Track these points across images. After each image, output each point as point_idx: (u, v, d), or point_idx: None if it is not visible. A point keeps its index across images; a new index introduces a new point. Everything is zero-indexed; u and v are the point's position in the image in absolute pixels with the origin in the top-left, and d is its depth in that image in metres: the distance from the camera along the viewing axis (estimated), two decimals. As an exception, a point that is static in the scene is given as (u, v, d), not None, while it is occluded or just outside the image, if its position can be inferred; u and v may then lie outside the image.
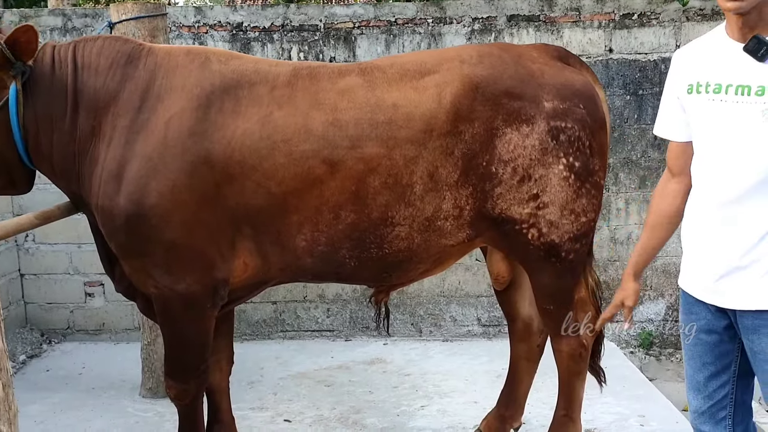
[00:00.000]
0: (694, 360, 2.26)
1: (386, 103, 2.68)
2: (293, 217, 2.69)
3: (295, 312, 5.06)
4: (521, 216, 2.78)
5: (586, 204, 2.82)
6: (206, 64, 2.71)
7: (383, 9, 4.82)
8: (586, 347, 3.07)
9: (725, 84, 2.00)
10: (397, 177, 2.68)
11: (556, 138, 2.73)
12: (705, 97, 2.05)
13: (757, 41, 1.92)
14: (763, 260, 2.00)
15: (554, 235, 2.80)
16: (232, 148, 2.62)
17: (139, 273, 2.78)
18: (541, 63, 2.81)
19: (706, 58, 2.08)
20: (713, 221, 2.08)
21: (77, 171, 2.74)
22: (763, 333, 2.03)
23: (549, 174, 2.74)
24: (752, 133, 1.96)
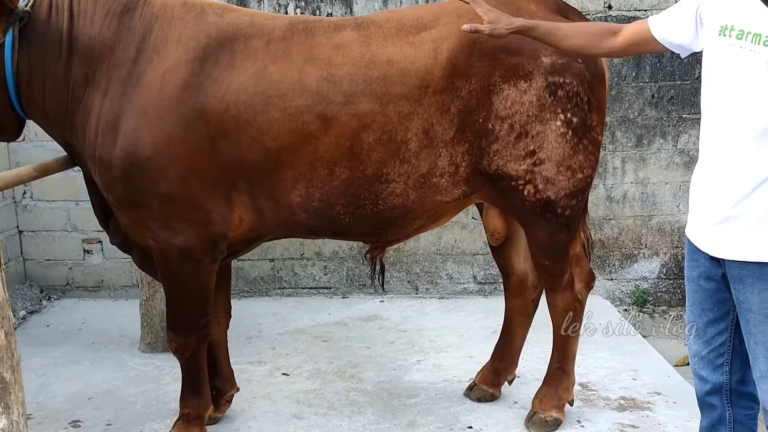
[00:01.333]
0: (695, 306, 2.31)
1: (381, 59, 2.67)
2: (288, 172, 2.70)
3: (292, 269, 5.09)
4: (517, 172, 2.79)
5: (583, 160, 2.83)
6: (202, 16, 2.70)
7: (380, -36, 4.77)
8: (581, 301, 3.12)
9: (746, 30, 1.99)
10: (391, 133, 2.69)
11: (554, 94, 2.73)
12: (729, 41, 2.04)
13: None
14: (753, 211, 2.03)
15: (550, 191, 2.82)
16: (227, 102, 2.63)
17: (137, 225, 2.80)
18: (541, 15, 2.78)
19: (738, 2, 2.05)
20: (713, 169, 2.12)
21: (70, 119, 2.74)
22: (748, 283, 2.08)
23: (546, 130, 2.75)
24: (756, 82, 1.97)
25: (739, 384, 2.30)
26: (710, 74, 2.13)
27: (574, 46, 2.42)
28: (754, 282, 2.06)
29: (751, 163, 2.01)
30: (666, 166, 4.94)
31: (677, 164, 4.94)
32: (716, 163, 2.11)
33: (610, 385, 3.69)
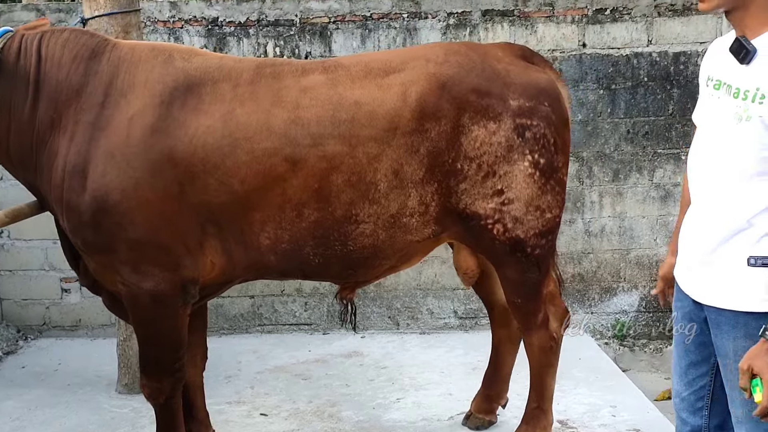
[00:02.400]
0: (679, 346, 2.30)
1: (348, 101, 2.70)
2: (256, 215, 2.71)
3: (272, 306, 5.07)
4: (486, 211, 2.82)
5: (551, 200, 2.88)
6: (169, 60, 2.72)
7: (358, 4, 4.83)
8: (556, 340, 3.13)
9: (721, 81, 2.02)
10: (360, 175, 2.70)
11: (522, 135, 2.78)
12: (708, 90, 2.08)
13: (739, 43, 1.93)
14: (727, 258, 2.02)
15: (519, 230, 2.85)
16: (195, 146, 2.64)
17: (105, 269, 2.79)
18: (506, 62, 2.86)
19: (719, 52, 2.09)
20: (696, 213, 2.14)
21: (35, 161, 2.75)
22: (724, 330, 2.06)
23: (514, 170, 2.79)
24: (727, 133, 1.98)
25: (718, 429, 2.27)
26: (697, 121, 2.18)
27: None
28: (729, 329, 2.04)
29: (728, 208, 2.02)
30: (643, 200, 4.99)
31: (653, 198, 4.99)
32: (698, 207, 2.13)
33: (589, 422, 3.68)
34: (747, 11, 1.92)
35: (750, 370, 1.88)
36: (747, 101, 1.91)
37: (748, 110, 1.91)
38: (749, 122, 1.90)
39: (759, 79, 1.90)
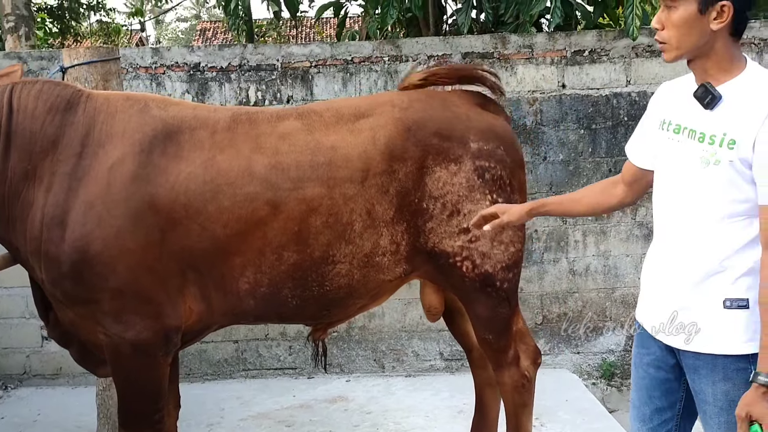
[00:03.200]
0: (642, 392, 2.28)
1: (325, 145, 2.79)
2: (237, 259, 2.73)
3: (257, 350, 5.02)
4: (453, 249, 2.91)
5: (512, 235, 2.99)
6: (146, 109, 2.75)
7: (340, 48, 4.88)
8: (528, 379, 3.15)
9: (682, 125, 2.04)
10: (337, 216, 2.77)
11: (482, 176, 2.91)
12: (667, 134, 2.09)
13: (704, 89, 1.96)
14: (703, 301, 2.02)
15: (488, 265, 2.94)
16: (177, 192, 2.65)
17: (86, 320, 2.76)
18: (465, 108, 2.99)
19: (676, 97, 2.11)
20: (663, 258, 2.13)
21: (7, 214, 2.73)
22: (702, 374, 2.04)
23: (477, 209, 2.87)
24: (693, 177, 2.00)
25: None
26: (656, 165, 2.17)
27: (588, 207, 2.44)
28: (708, 373, 2.03)
29: (699, 253, 2.01)
30: (626, 238, 5.00)
31: (637, 237, 5.00)
32: (668, 250, 2.12)
33: (576, 465, 3.64)
34: (709, 60, 1.96)
35: (748, 417, 1.87)
36: (715, 146, 1.93)
37: (717, 154, 1.93)
38: (718, 166, 1.92)
39: (726, 124, 1.92)
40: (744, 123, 1.88)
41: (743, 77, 1.95)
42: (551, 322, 5.06)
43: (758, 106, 1.86)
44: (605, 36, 4.89)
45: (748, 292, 1.95)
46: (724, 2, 1.89)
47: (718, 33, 1.92)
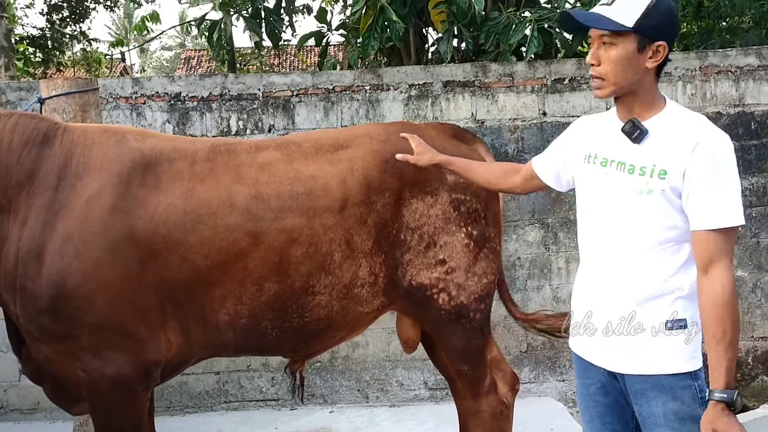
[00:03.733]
0: (595, 421, 2.28)
1: (305, 175, 2.79)
2: (217, 291, 2.71)
3: (238, 381, 4.95)
4: (430, 281, 2.93)
5: (486, 267, 3.02)
6: (123, 141, 2.74)
7: (321, 77, 4.89)
8: (507, 405, 3.17)
9: (609, 159, 2.13)
10: (317, 246, 2.77)
11: (458, 209, 2.94)
12: (594, 168, 2.17)
13: (632, 124, 2.05)
14: (645, 326, 2.07)
15: (462, 296, 2.96)
16: (156, 224, 2.63)
17: (64, 356, 2.71)
18: (440, 140, 3.01)
19: (600, 132, 2.20)
20: (598, 286, 2.16)
21: None
22: (650, 397, 2.08)
23: (453, 241, 2.93)
24: (626, 206, 2.07)
25: None
26: (581, 198, 2.25)
27: (485, 182, 2.64)
28: (657, 395, 2.06)
29: (636, 278, 2.08)
30: (609, 264, 5.00)
31: (619, 263, 4.99)
32: (603, 278, 2.15)
33: (561, 497, 3.59)
34: (636, 97, 2.06)
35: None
36: (646, 176, 2.02)
37: (649, 184, 2.02)
38: (651, 195, 2.02)
39: (655, 156, 2.02)
40: (672, 155, 1.98)
41: (665, 113, 2.06)
42: (536, 350, 5.04)
43: (684, 140, 1.97)
44: (585, 64, 4.93)
45: (685, 313, 2.05)
46: (660, 42, 2.01)
47: (647, 71, 2.03)
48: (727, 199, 1.94)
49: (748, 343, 5.07)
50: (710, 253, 1.95)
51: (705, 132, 1.97)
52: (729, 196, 1.94)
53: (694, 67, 4.95)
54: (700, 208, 1.95)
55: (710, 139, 1.96)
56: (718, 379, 1.94)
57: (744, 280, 5.03)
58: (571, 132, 2.36)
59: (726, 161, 1.95)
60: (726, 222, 1.93)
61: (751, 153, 4.98)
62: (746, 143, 4.98)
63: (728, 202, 1.94)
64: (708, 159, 1.94)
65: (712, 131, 1.98)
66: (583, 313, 2.22)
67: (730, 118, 4.97)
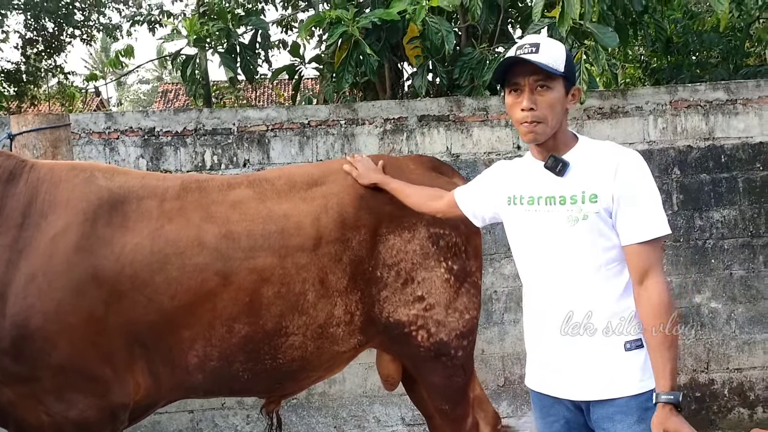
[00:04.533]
0: None
1: (277, 214, 2.74)
2: (185, 332, 2.64)
3: (213, 420, 4.86)
4: (408, 317, 2.87)
5: (467, 302, 2.95)
6: (91, 179, 2.69)
7: (296, 112, 4.90)
8: None
9: (536, 196, 2.21)
10: (290, 286, 2.71)
11: (436, 243, 2.89)
12: (522, 208, 2.25)
13: (554, 160, 2.16)
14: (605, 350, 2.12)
15: (442, 333, 2.89)
16: (122, 263, 2.57)
17: (27, 400, 2.63)
18: (418, 173, 2.99)
19: (520, 175, 2.30)
20: (550, 320, 2.19)
21: None
22: (618, 420, 2.11)
23: (432, 276, 2.88)
24: (565, 236, 2.14)
25: None
26: (515, 239, 2.31)
27: (412, 204, 2.77)
28: (623, 417, 2.10)
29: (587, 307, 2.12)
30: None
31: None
32: (553, 312, 2.19)
33: None
34: (555, 138, 2.18)
35: None
36: (578, 204, 2.12)
37: (583, 210, 2.11)
38: (587, 221, 2.10)
39: (582, 184, 2.13)
40: (598, 179, 2.10)
41: (580, 146, 2.20)
42: (513, 384, 5.01)
43: (604, 166, 2.10)
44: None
45: (640, 333, 2.11)
46: (578, 87, 2.25)
47: (566, 113, 2.20)
48: (652, 213, 2.07)
49: (723, 374, 5.08)
50: (643, 264, 2.07)
51: (620, 156, 2.12)
52: (653, 209, 2.08)
53: (665, 102, 5.03)
54: (629, 224, 2.07)
55: (627, 161, 2.10)
56: (664, 381, 2.02)
57: (718, 312, 5.07)
58: (491, 175, 2.48)
59: (645, 178, 2.10)
60: (654, 233, 2.06)
61: (721, 185, 5.05)
62: (717, 176, 5.04)
63: (653, 215, 2.07)
64: (629, 179, 2.08)
65: (626, 153, 2.13)
66: (541, 349, 2.24)
67: (700, 152, 5.04)
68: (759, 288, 5.07)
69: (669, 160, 5.02)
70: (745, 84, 5.13)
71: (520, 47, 2.16)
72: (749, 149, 5.05)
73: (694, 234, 5.04)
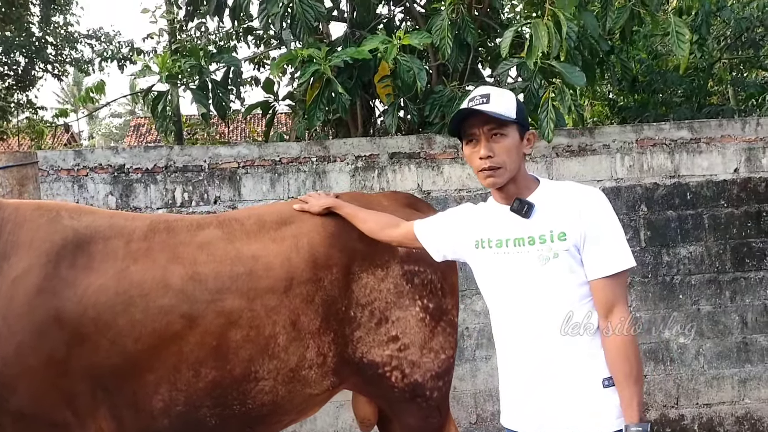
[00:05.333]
0: None
1: (246, 255, 2.70)
2: (149, 376, 2.58)
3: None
4: (382, 358, 2.81)
5: (443, 342, 2.90)
6: (57, 218, 2.64)
7: (268, 149, 4.90)
8: None
9: (504, 239, 2.25)
10: (259, 329, 2.65)
11: (411, 281, 2.84)
12: (491, 251, 2.28)
13: (520, 202, 2.22)
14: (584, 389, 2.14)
15: (417, 374, 2.84)
16: (85, 305, 2.53)
17: None
18: (393, 209, 2.94)
19: (486, 219, 2.34)
20: (527, 359, 2.20)
21: None
22: None
23: (407, 315, 2.83)
24: (537, 276, 2.17)
25: None
26: (486, 282, 2.34)
27: (365, 229, 2.76)
28: None
29: (567, 343, 2.14)
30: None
31: (566, 331, 5.03)
32: (530, 351, 2.19)
33: None
34: (516, 182, 2.25)
35: None
36: (548, 243, 2.17)
37: (553, 249, 2.16)
38: (557, 259, 2.15)
39: (549, 224, 2.18)
40: (565, 217, 2.16)
41: (542, 188, 2.26)
42: (485, 421, 4.99)
43: (569, 205, 2.17)
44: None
45: None
46: (532, 131, 2.30)
47: (523, 157, 2.27)
48: (616, 247, 2.14)
49: (693, 410, 5.12)
50: (609, 298, 2.13)
51: (583, 194, 2.19)
52: (617, 243, 2.15)
53: (631, 140, 5.13)
54: (594, 260, 2.14)
55: (590, 199, 2.18)
56: (632, 413, 2.07)
57: (687, 348, 5.11)
58: (456, 217, 2.50)
59: (608, 214, 2.17)
60: (619, 266, 2.13)
61: (687, 222, 5.13)
62: (683, 213, 5.13)
63: (618, 248, 2.14)
64: (593, 217, 2.14)
65: (589, 192, 2.21)
66: (517, 388, 2.25)
67: (666, 189, 5.13)
68: (726, 323, 5.14)
69: (636, 197, 5.11)
70: (708, 123, 5.25)
71: (471, 99, 2.24)
72: (713, 186, 5.16)
73: (662, 270, 5.10)
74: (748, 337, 5.15)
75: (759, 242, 5.16)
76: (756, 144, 5.20)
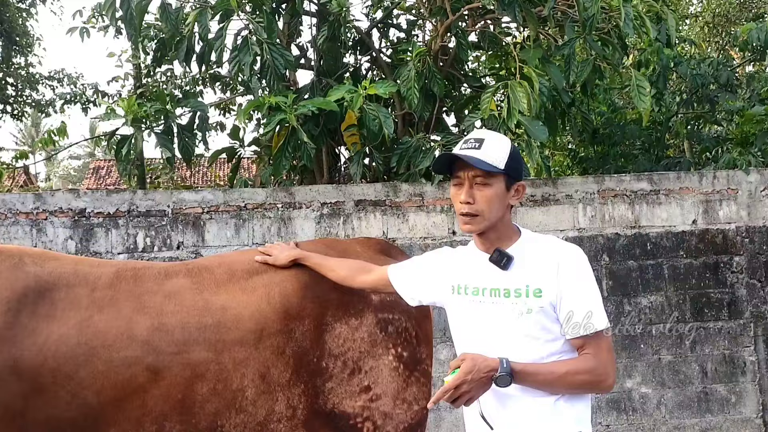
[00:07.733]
0: None
1: (214, 306, 2.63)
2: (111, 430, 2.49)
3: None
4: (354, 409, 2.74)
5: (417, 392, 2.84)
6: (19, 265, 2.56)
7: (233, 194, 4.88)
8: None
9: (481, 287, 2.23)
10: (226, 382, 2.57)
11: (385, 330, 2.79)
12: (467, 298, 2.26)
13: (499, 253, 2.19)
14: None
15: (389, 426, 2.78)
16: (45, 356, 2.43)
17: None
18: (366, 255, 2.91)
19: (464, 264, 2.32)
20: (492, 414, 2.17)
21: None
22: None
23: (380, 365, 2.77)
24: (509, 329, 2.17)
25: None
26: (458, 327, 2.33)
27: (336, 278, 2.70)
28: None
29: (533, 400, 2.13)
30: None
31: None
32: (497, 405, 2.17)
33: None
34: (496, 231, 2.23)
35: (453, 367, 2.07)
36: (522, 297, 2.16)
37: (528, 304, 2.15)
38: (531, 314, 2.14)
39: (525, 278, 2.17)
40: (541, 275, 2.15)
41: (523, 240, 2.24)
42: (449, 473, 4.93)
43: (547, 261, 2.16)
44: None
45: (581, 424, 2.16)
46: (521, 182, 2.26)
47: (508, 208, 2.24)
48: (592, 307, 2.14)
49: (656, 460, 5.13)
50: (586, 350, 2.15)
51: (562, 251, 2.18)
52: (594, 303, 2.15)
53: (593, 191, 5.23)
54: (572, 318, 2.13)
55: (569, 256, 2.17)
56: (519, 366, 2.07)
57: (648, 397, 5.14)
58: (434, 261, 2.47)
59: (586, 272, 2.17)
60: (592, 328, 2.14)
61: (648, 272, 5.21)
62: (643, 263, 5.21)
63: (594, 309, 2.14)
64: (571, 276, 2.14)
65: (568, 249, 2.20)
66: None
67: (627, 239, 5.22)
68: (687, 372, 5.19)
69: (598, 246, 5.18)
70: (666, 175, 5.38)
71: (465, 141, 2.22)
72: (673, 237, 5.26)
73: (624, 319, 5.16)
74: (708, 387, 5.20)
75: (717, 293, 5.26)
76: (713, 196, 5.34)
